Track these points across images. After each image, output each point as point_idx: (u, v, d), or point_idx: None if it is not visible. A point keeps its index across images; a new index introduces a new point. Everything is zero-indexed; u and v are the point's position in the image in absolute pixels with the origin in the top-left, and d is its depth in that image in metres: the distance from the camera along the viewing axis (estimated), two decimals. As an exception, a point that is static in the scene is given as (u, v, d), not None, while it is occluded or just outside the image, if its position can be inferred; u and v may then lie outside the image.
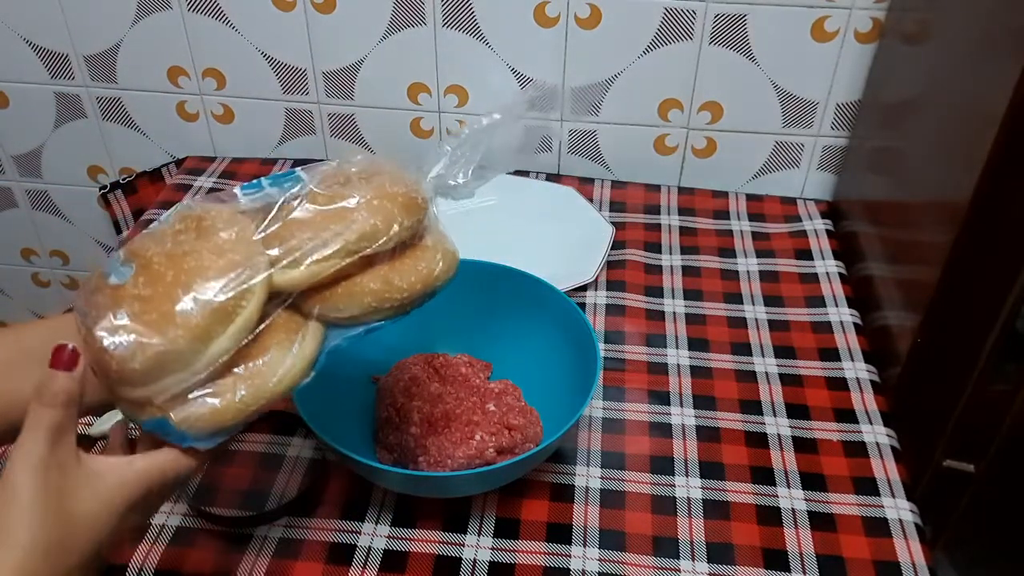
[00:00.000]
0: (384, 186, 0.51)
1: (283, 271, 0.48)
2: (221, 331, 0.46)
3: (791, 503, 0.69)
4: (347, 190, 0.51)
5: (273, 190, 0.50)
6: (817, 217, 1.01)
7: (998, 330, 0.70)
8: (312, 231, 0.49)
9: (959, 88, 0.73)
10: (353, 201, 0.50)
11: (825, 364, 0.82)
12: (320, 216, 0.49)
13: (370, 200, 0.50)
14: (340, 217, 0.49)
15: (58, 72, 1.10)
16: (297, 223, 0.49)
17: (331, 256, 0.49)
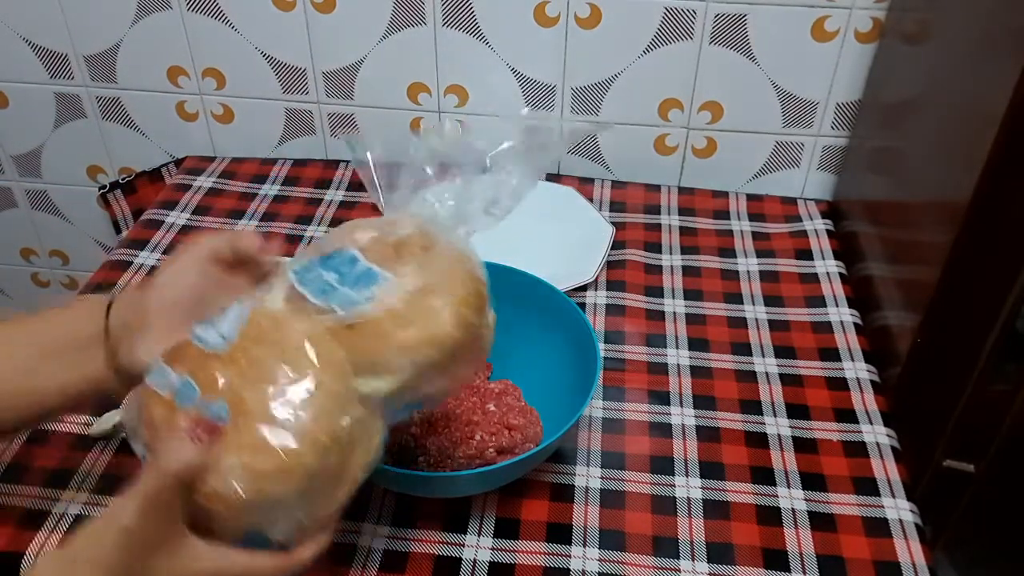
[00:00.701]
0: (455, 281, 0.50)
1: (367, 382, 0.48)
2: (328, 463, 0.46)
3: (791, 503, 0.69)
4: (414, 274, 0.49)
5: (331, 275, 0.49)
6: (817, 217, 1.01)
7: (998, 330, 0.70)
8: (397, 344, 0.47)
9: (959, 88, 0.73)
10: (437, 304, 0.48)
11: (825, 364, 0.82)
12: (399, 322, 0.48)
13: (454, 306, 0.49)
14: (424, 326, 0.48)
15: (58, 72, 1.10)
16: (376, 330, 0.47)
17: (414, 371, 0.48)
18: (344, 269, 0.49)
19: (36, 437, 0.74)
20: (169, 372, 0.47)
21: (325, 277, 0.49)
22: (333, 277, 0.49)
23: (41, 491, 0.69)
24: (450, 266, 0.51)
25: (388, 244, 0.51)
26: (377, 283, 0.48)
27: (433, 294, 0.49)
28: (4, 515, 0.68)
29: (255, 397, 0.45)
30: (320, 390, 0.46)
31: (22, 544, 0.65)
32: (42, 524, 0.67)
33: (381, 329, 0.48)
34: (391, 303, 0.48)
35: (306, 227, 1.00)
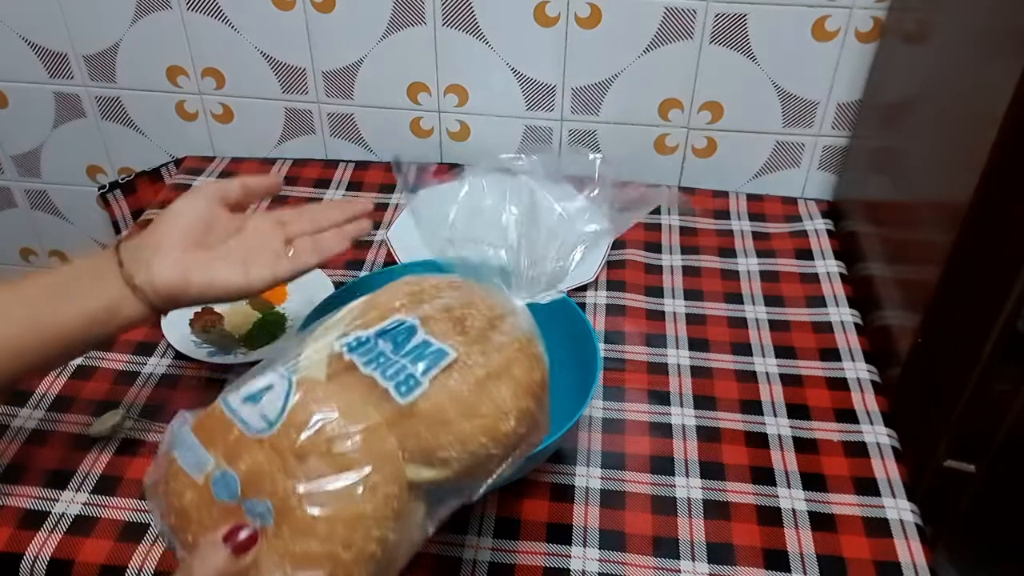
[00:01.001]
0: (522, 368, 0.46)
1: (418, 471, 0.43)
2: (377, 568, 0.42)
3: (791, 503, 0.69)
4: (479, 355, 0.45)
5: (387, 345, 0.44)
6: (818, 217, 1.01)
7: (998, 330, 0.70)
8: (455, 434, 0.43)
9: (959, 88, 0.73)
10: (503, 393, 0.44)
11: (825, 364, 0.82)
12: (460, 410, 0.44)
13: (519, 397, 0.45)
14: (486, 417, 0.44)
15: (57, 72, 1.10)
16: (435, 416, 0.43)
17: (470, 462, 0.44)
18: (401, 338, 0.44)
19: (36, 437, 0.74)
20: (204, 453, 0.42)
21: (380, 346, 0.44)
22: (388, 347, 0.44)
23: (41, 491, 0.69)
24: (517, 349, 0.47)
25: (451, 315, 0.47)
26: (439, 362, 0.44)
27: (498, 382, 0.45)
28: (4, 515, 0.68)
29: (302, 503, 0.40)
30: (373, 496, 0.41)
31: (22, 544, 0.65)
32: (42, 524, 0.67)
33: (439, 415, 0.44)
34: (454, 387, 0.44)
35: (306, 227, 1.00)
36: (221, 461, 0.41)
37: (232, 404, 0.43)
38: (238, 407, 0.42)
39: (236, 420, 0.42)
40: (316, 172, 1.10)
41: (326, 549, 0.40)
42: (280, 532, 0.40)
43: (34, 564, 0.65)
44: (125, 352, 0.83)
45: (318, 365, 0.46)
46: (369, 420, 0.43)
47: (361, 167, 1.11)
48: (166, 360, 0.82)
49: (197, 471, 0.41)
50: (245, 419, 0.42)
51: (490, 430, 0.44)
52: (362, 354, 0.44)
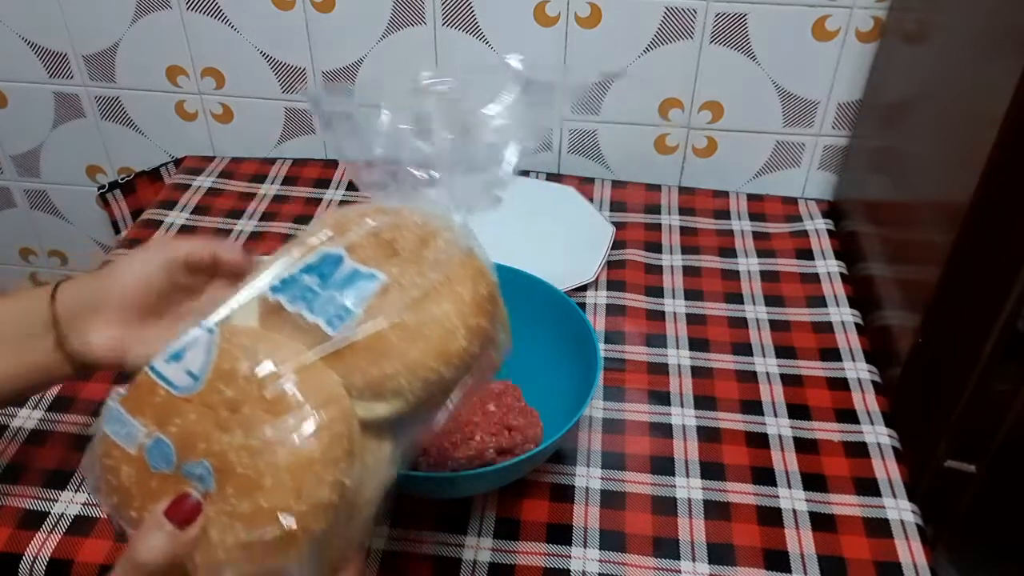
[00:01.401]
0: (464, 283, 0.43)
1: (369, 407, 0.40)
2: (336, 517, 0.39)
3: (792, 504, 0.69)
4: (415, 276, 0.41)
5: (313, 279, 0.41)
6: (818, 217, 1.01)
7: (998, 330, 0.70)
8: (402, 363, 0.40)
9: (959, 88, 0.73)
10: (446, 311, 0.41)
11: (826, 364, 0.82)
12: (403, 335, 0.40)
13: (466, 314, 0.42)
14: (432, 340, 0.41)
15: (57, 71, 1.10)
16: (376, 347, 0.40)
17: (423, 390, 0.41)
18: (327, 270, 0.41)
19: (36, 437, 0.74)
20: (133, 424, 0.39)
21: (305, 281, 0.41)
22: (315, 281, 0.41)
23: (41, 491, 0.69)
24: (457, 264, 0.43)
25: (380, 239, 0.43)
26: (370, 288, 0.41)
27: (439, 298, 0.42)
28: (4, 515, 0.67)
29: (242, 456, 0.37)
30: (318, 438, 0.38)
31: (22, 544, 0.65)
32: (42, 524, 0.67)
33: (380, 343, 0.40)
34: (392, 313, 0.40)
35: (306, 227, 1.00)
36: (152, 428, 0.39)
37: (156, 366, 0.40)
38: (162, 368, 0.40)
39: (161, 382, 0.39)
40: (316, 172, 1.10)
41: (275, 503, 0.37)
42: (224, 493, 0.37)
43: (34, 564, 0.65)
44: (125, 352, 0.83)
45: (246, 313, 0.42)
46: (302, 358, 0.39)
47: (361, 167, 1.10)
48: (166, 360, 0.82)
49: (129, 443, 0.39)
50: (170, 379, 0.39)
51: (439, 352, 0.41)
52: (287, 293, 0.41)
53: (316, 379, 0.39)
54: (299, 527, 0.37)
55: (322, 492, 0.38)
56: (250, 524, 0.37)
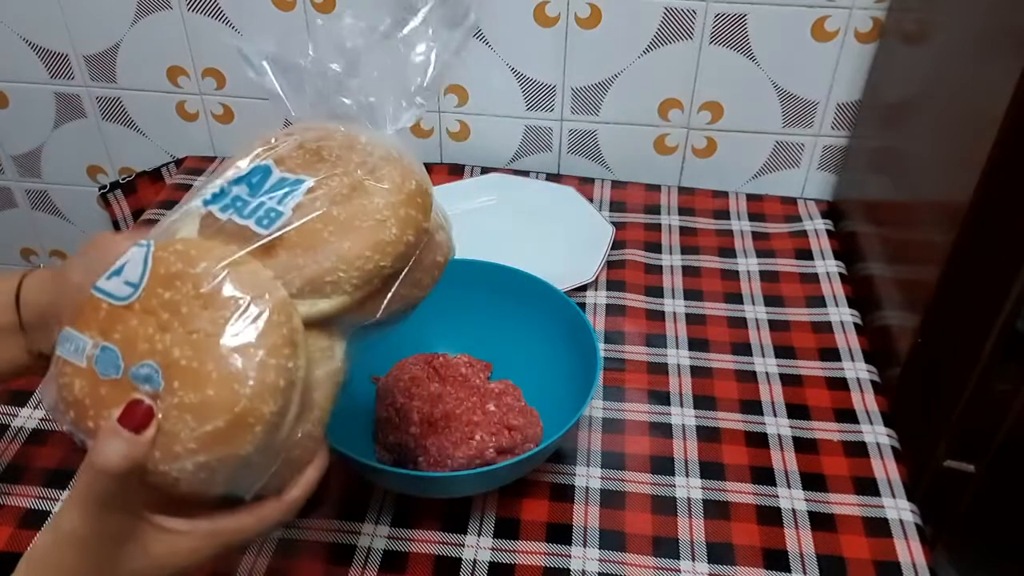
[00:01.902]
0: (393, 177, 0.43)
1: (312, 303, 0.41)
2: (287, 404, 0.40)
3: (791, 503, 0.69)
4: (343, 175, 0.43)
5: (241, 189, 0.42)
6: (817, 217, 1.01)
7: (998, 330, 0.70)
8: (337, 255, 0.41)
9: (959, 88, 0.73)
10: (377, 203, 0.42)
11: (825, 364, 0.82)
12: (334, 227, 0.41)
13: (398, 205, 0.42)
14: (365, 230, 0.41)
15: (58, 72, 1.10)
16: (308, 240, 0.41)
17: (364, 284, 0.42)
18: (256, 181, 0.42)
19: (36, 437, 0.74)
20: (81, 338, 0.40)
21: (235, 192, 0.42)
22: (244, 190, 0.42)
23: (41, 491, 0.69)
24: (384, 162, 0.44)
25: (306, 149, 0.44)
26: (298, 190, 0.41)
27: (368, 194, 0.42)
28: (4, 515, 0.68)
29: (184, 351, 0.38)
30: (256, 326, 0.39)
31: (22, 544, 0.65)
32: (42, 524, 0.67)
33: (313, 240, 0.41)
34: (321, 209, 0.41)
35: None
36: (98, 338, 0.40)
37: (98, 284, 0.42)
38: (103, 284, 0.41)
39: (103, 296, 0.41)
40: (316, 172, 1.10)
41: (223, 391, 0.38)
42: (172, 389, 0.38)
43: (34, 564, 0.65)
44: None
45: (183, 229, 0.44)
46: (234, 255, 0.40)
47: (361, 167, 1.11)
48: (166, 360, 0.82)
49: (78, 357, 0.40)
50: (111, 291, 0.41)
51: (373, 243, 0.42)
52: (218, 203, 0.42)
53: (249, 273, 0.40)
54: (247, 409, 0.38)
55: (267, 375, 0.38)
56: (201, 415, 0.38)
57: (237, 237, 0.42)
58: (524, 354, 0.76)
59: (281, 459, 0.42)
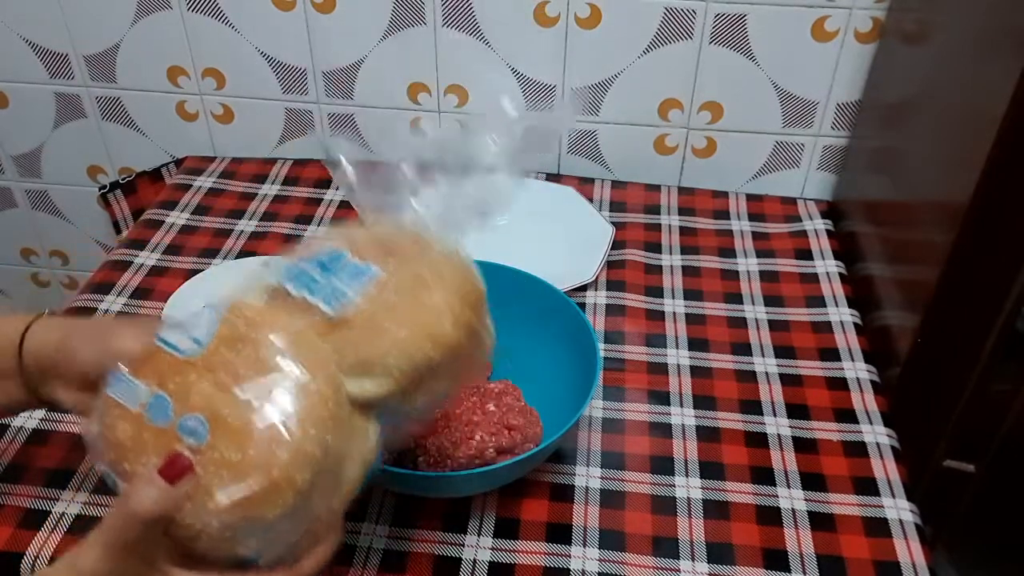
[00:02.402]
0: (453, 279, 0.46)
1: (358, 383, 0.43)
2: (319, 476, 0.41)
3: (791, 503, 0.69)
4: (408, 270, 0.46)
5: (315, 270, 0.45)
6: (817, 217, 1.01)
7: (998, 330, 0.70)
8: (391, 341, 0.43)
9: (959, 88, 0.73)
10: (435, 299, 0.45)
11: (825, 364, 0.82)
12: (393, 317, 0.44)
13: (453, 303, 0.45)
14: (420, 322, 0.44)
15: (58, 72, 1.10)
16: (367, 325, 0.44)
17: (411, 372, 0.44)
18: (329, 264, 0.45)
19: (36, 437, 0.74)
20: (136, 384, 0.42)
21: (309, 272, 0.45)
22: (317, 271, 0.45)
23: (41, 491, 0.69)
24: (446, 265, 0.47)
25: (379, 244, 0.47)
26: (367, 277, 0.44)
27: (429, 290, 0.45)
28: (4, 515, 0.68)
29: (234, 411, 0.40)
30: (306, 397, 0.41)
31: (22, 544, 0.65)
32: (42, 524, 0.67)
33: (373, 324, 0.44)
34: (386, 298, 0.44)
35: (306, 227, 1.00)
36: (153, 386, 0.42)
37: (162, 335, 0.43)
38: (168, 335, 0.43)
39: (167, 347, 0.43)
40: (316, 172, 1.10)
41: (263, 454, 0.40)
42: (215, 444, 0.40)
43: (34, 564, 0.65)
44: (125, 352, 0.83)
45: (251, 295, 0.46)
46: (297, 326, 0.43)
47: (361, 167, 1.11)
48: (166, 360, 0.82)
49: (130, 400, 0.42)
50: (176, 344, 0.43)
51: (428, 335, 0.44)
52: (292, 280, 0.45)
53: (308, 347, 0.42)
54: (283, 475, 0.39)
55: (306, 444, 0.40)
56: (238, 473, 0.39)
57: (303, 312, 0.44)
58: (524, 354, 0.76)
59: (303, 530, 0.42)
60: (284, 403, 0.41)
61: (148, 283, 0.91)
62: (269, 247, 0.97)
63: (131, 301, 0.89)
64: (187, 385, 0.41)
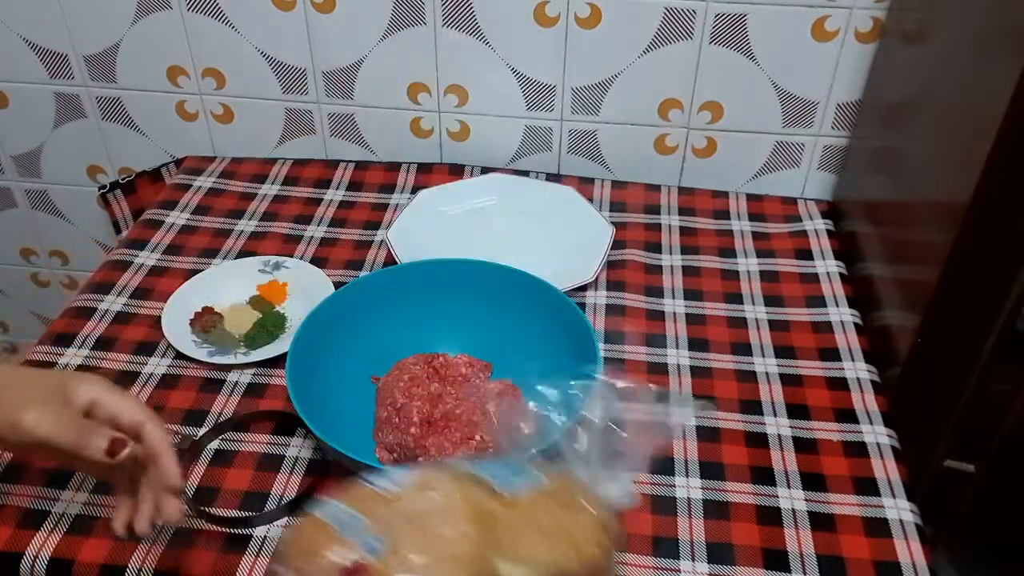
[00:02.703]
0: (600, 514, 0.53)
1: (507, 566, 0.49)
2: None
3: (791, 503, 0.69)
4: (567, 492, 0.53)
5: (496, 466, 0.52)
6: (817, 217, 1.01)
7: (998, 330, 0.70)
8: (542, 537, 0.50)
9: (959, 88, 0.73)
10: (585, 519, 0.52)
11: (825, 364, 0.82)
12: (551, 517, 0.51)
13: (598, 528, 0.52)
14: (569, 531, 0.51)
15: (58, 72, 1.10)
16: (529, 516, 0.50)
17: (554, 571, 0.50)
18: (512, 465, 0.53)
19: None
20: (339, 507, 0.49)
21: (493, 469, 0.53)
22: (504, 469, 0.53)
23: (41, 491, 0.70)
24: (595, 501, 0.54)
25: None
26: (537, 482, 0.52)
27: (582, 512, 0.52)
28: (4, 515, 0.68)
29: (409, 539, 0.47)
30: (464, 548, 0.47)
31: (22, 544, 0.65)
32: (42, 524, 0.67)
33: (533, 518, 0.51)
34: (547, 503, 0.51)
35: (305, 227, 1.00)
36: (352, 509, 0.48)
37: (369, 478, 0.51)
38: (374, 479, 0.51)
39: (371, 485, 0.50)
40: (316, 172, 1.10)
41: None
42: (386, 564, 0.45)
43: (34, 564, 0.65)
44: (125, 352, 0.83)
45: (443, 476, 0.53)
46: (477, 498, 0.50)
47: (361, 167, 1.11)
48: (166, 360, 0.82)
49: (332, 519, 0.48)
50: (379, 484, 0.50)
51: (576, 547, 0.51)
52: (483, 470, 0.52)
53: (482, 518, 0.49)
54: None
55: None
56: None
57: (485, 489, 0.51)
58: (524, 354, 0.76)
59: None
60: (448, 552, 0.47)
61: (148, 283, 0.91)
62: (269, 247, 0.97)
63: (131, 301, 0.89)
64: (378, 512, 0.48)
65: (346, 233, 0.99)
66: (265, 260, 0.93)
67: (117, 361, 0.82)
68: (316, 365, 0.71)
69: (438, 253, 0.87)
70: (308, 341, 0.71)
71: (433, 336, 0.78)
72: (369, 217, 1.02)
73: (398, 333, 0.78)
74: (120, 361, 0.82)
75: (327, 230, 1.00)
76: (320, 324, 0.73)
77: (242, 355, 0.81)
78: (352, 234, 0.99)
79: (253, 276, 0.91)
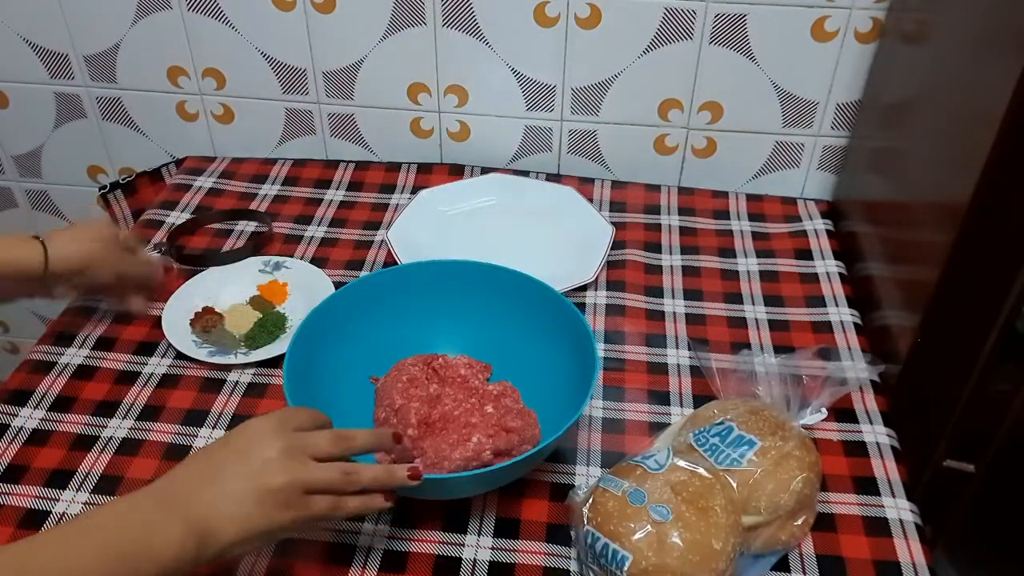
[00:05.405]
0: (805, 456, 0.66)
1: (747, 517, 0.63)
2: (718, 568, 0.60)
3: (791, 503, 0.69)
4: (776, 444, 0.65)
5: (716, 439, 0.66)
6: (817, 217, 1.01)
7: (998, 330, 0.70)
8: (765, 493, 0.63)
9: (959, 88, 0.73)
10: (794, 469, 0.64)
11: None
12: (768, 478, 0.64)
13: (805, 475, 0.65)
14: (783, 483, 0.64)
15: (58, 72, 1.10)
16: (753, 481, 0.64)
17: (770, 514, 0.63)
18: (724, 435, 0.66)
19: (36, 437, 0.74)
20: (621, 481, 0.63)
21: (711, 440, 0.66)
22: (717, 439, 0.66)
23: (41, 491, 0.70)
24: (799, 443, 0.66)
25: (753, 416, 0.67)
26: (753, 448, 0.65)
27: (793, 459, 0.65)
28: (4, 515, 0.68)
29: (686, 510, 0.60)
30: (727, 516, 0.61)
31: (22, 544, 0.65)
32: (42, 524, 0.67)
33: (756, 481, 0.64)
34: (765, 464, 0.64)
35: (306, 227, 1.00)
36: (632, 484, 0.62)
37: (636, 458, 0.65)
38: (641, 459, 0.64)
39: (640, 463, 0.64)
40: (316, 172, 1.10)
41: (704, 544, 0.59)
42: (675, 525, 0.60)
43: (34, 564, 0.65)
44: (126, 352, 0.83)
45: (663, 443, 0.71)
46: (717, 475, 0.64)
47: (361, 167, 1.11)
48: (167, 360, 0.82)
49: (616, 489, 0.62)
50: (647, 464, 0.64)
51: (788, 489, 0.64)
52: (703, 445, 0.67)
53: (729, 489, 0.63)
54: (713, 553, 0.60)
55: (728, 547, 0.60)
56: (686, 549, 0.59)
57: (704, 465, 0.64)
58: (523, 355, 0.76)
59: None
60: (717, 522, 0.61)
61: (148, 283, 0.91)
62: (269, 247, 0.97)
63: (131, 301, 0.89)
64: (653, 487, 0.62)
65: (346, 233, 0.99)
66: (265, 260, 0.93)
67: (118, 361, 0.82)
68: (315, 365, 0.71)
69: (438, 253, 0.87)
70: (307, 341, 0.71)
71: (433, 337, 0.78)
72: (369, 217, 1.02)
73: (398, 333, 0.78)
74: (121, 361, 0.82)
75: (327, 230, 1.00)
76: (320, 324, 0.73)
77: (242, 355, 0.81)
78: (352, 234, 0.99)
79: (253, 276, 0.91)
